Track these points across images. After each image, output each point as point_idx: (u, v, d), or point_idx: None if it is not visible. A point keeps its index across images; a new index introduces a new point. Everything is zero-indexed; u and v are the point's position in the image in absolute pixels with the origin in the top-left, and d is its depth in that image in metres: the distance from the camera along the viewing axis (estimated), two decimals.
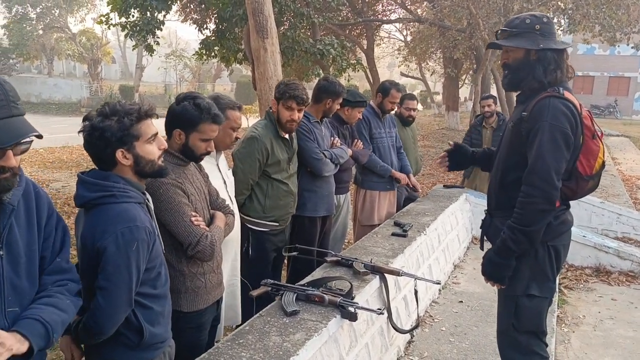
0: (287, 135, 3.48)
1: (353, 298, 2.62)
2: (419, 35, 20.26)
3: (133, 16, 10.37)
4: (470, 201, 5.84)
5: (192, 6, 14.65)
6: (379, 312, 2.55)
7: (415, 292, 3.22)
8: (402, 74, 30.31)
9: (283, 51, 9.22)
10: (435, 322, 3.79)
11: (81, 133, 1.86)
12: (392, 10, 21.80)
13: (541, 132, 2.24)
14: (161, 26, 10.55)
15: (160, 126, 2.12)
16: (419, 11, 20.58)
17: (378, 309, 2.56)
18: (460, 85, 24.93)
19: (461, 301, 4.18)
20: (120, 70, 54.25)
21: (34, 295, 1.61)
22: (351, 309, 2.47)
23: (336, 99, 3.83)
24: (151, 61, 30.23)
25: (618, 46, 14.99)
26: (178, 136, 2.36)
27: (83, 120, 1.88)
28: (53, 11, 35.06)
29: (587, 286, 4.80)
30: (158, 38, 10.93)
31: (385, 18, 21.06)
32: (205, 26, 13.07)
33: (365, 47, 20.07)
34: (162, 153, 1.98)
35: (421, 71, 30.79)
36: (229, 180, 2.99)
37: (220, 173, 2.86)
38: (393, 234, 3.96)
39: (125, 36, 10.96)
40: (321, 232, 3.95)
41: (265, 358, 2.07)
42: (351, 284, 2.72)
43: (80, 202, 1.87)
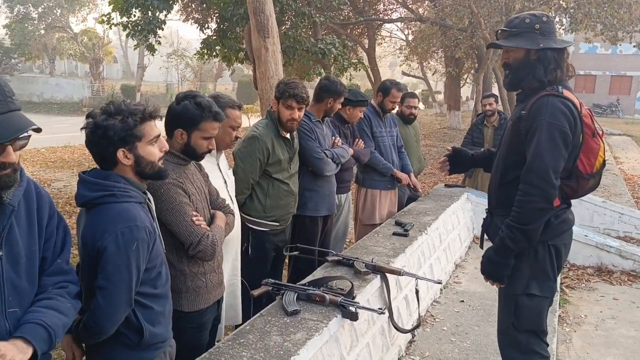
0: (288, 134, 3.48)
1: (354, 298, 2.62)
2: (421, 34, 20.24)
3: (134, 16, 10.39)
4: (471, 200, 5.84)
5: (194, 5, 14.67)
6: (380, 312, 2.55)
7: (416, 292, 3.22)
8: (404, 73, 30.28)
9: (284, 50, 9.22)
10: (436, 322, 3.78)
11: (84, 130, 1.85)
12: (394, 9, 21.81)
13: (539, 131, 2.24)
14: (162, 26, 10.56)
15: (160, 126, 2.11)
16: (421, 10, 20.56)
17: (379, 309, 2.55)
18: (461, 84, 24.91)
19: (462, 301, 4.18)
20: (121, 69, 54.29)
21: (34, 295, 1.61)
22: (352, 309, 2.46)
23: (338, 99, 3.83)
24: (153, 61, 30.27)
25: (620, 45, 14.93)
26: (180, 136, 2.36)
27: (86, 117, 1.88)
28: (55, 11, 35.11)
29: (589, 286, 4.79)
30: (159, 37, 10.93)
31: (386, 17, 21.06)
32: (206, 25, 13.08)
33: (366, 47, 20.07)
34: (163, 155, 1.98)
35: (423, 70, 30.79)
36: (230, 179, 2.99)
37: (220, 173, 2.86)
38: (394, 234, 3.96)
39: (126, 36, 10.98)
40: (322, 232, 3.95)
41: (266, 358, 2.07)
42: (352, 284, 2.72)
43: (81, 202, 1.87)
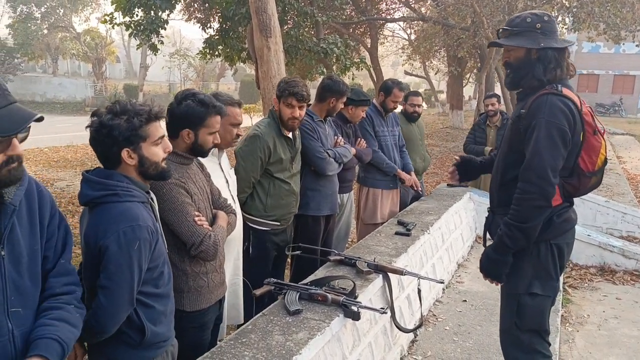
0: (291, 134, 3.47)
1: (356, 297, 2.62)
2: (423, 33, 20.23)
3: (137, 15, 10.40)
4: (474, 200, 5.83)
5: (196, 5, 14.66)
6: (382, 311, 2.55)
7: (418, 291, 3.22)
8: (406, 73, 30.23)
9: (287, 50, 9.21)
10: (439, 322, 3.78)
11: (88, 128, 1.85)
12: (396, 8, 21.80)
13: (538, 129, 2.24)
14: (165, 25, 10.56)
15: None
16: (423, 10, 20.52)
17: (381, 308, 2.55)
18: (464, 83, 24.88)
19: (465, 300, 4.17)
20: (124, 69, 54.33)
21: (37, 295, 1.61)
22: (354, 308, 2.46)
23: (340, 98, 3.83)
24: (155, 60, 30.32)
25: (623, 44, 14.90)
26: (187, 136, 2.35)
27: (91, 115, 1.88)
28: (57, 11, 35.17)
29: (592, 285, 4.78)
30: (162, 37, 10.94)
31: (389, 17, 21.02)
32: (209, 25, 13.06)
33: (369, 46, 20.03)
34: (167, 156, 1.98)
35: (425, 70, 30.75)
36: (231, 179, 2.99)
37: (222, 172, 2.86)
38: (396, 233, 3.96)
39: (129, 35, 10.99)
40: (325, 231, 3.95)
41: (268, 357, 2.07)
42: (354, 283, 2.72)
43: (84, 201, 1.87)
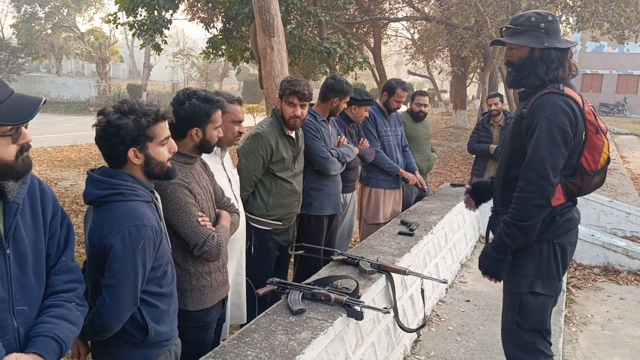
0: (294, 133, 3.48)
1: (359, 297, 2.62)
2: (426, 33, 20.22)
3: (141, 15, 10.43)
4: None
5: (199, 5, 14.66)
6: (385, 311, 2.55)
7: (421, 291, 3.22)
8: (410, 72, 30.21)
9: (290, 50, 9.22)
10: (442, 321, 3.78)
11: (95, 127, 1.85)
12: (399, 8, 21.75)
13: (539, 128, 2.24)
14: (168, 25, 10.59)
15: None
16: (426, 9, 20.51)
17: (384, 308, 2.55)
18: (467, 83, 24.84)
19: (468, 300, 4.17)
20: (128, 69, 54.48)
21: (42, 293, 1.62)
22: (357, 308, 2.47)
23: (343, 98, 3.83)
24: (159, 60, 30.38)
25: (627, 44, 14.83)
26: (195, 134, 2.37)
27: (98, 114, 1.88)
28: (61, 10, 35.32)
29: (596, 285, 4.77)
30: (166, 37, 10.97)
31: (392, 16, 20.99)
32: (212, 25, 13.09)
33: (372, 46, 20.04)
34: (172, 156, 1.99)
35: (428, 69, 30.71)
36: (234, 178, 2.99)
37: (225, 172, 2.86)
38: (400, 233, 3.96)
39: (133, 35, 11.01)
40: (328, 231, 3.94)
41: (271, 357, 2.07)
42: (357, 283, 2.72)
43: (88, 200, 1.88)
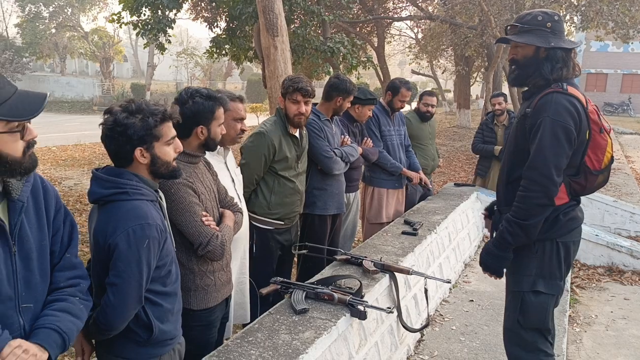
0: (297, 133, 3.48)
1: (362, 296, 2.62)
2: (430, 32, 20.16)
3: (144, 14, 10.44)
4: (481, 199, 5.81)
5: (203, 4, 14.68)
6: (389, 311, 2.55)
7: (425, 291, 3.21)
8: (413, 72, 30.15)
9: (293, 49, 9.22)
10: (445, 321, 3.77)
11: (102, 126, 1.86)
12: (403, 7, 21.70)
13: (542, 128, 2.24)
14: (172, 24, 10.61)
15: None
16: (430, 8, 20.44)
17: (388, 308, 2.55)
18: (471, 82, 24.80)
19: (472, 300, 4.16)
20: (132, 68, 54.55)
21: (47, 290, 1.63)
22: (361, 308, 2.47)
23: (347, 97, 3.83)
24: (162, 59, 30.48)
25: (632, 43, 14.80)
26: (201, 132, 2.38)
27: (105, 113, 1.89)
28: (66, 10, 35.40)
29: (600, 285, 4.76)
30: (169, 36, 10.98)
31: (396, 15, 20.97)
32: (216, 24, 13.09)
33: (375, 45, 20.01)
34: (177, 155, 2.00)
35: (432, 69, 30.64)
36: (237, 178, 2.99)
37: (228, 171, 2.86)
38: (403, 233, 3.95)
39: (136, 34, 11.03)
40: (331, 231, 3.94)
41: (274, 356, 2.08)
42: (361, 283, 2.72)
43: (93, 198, 1.88)
